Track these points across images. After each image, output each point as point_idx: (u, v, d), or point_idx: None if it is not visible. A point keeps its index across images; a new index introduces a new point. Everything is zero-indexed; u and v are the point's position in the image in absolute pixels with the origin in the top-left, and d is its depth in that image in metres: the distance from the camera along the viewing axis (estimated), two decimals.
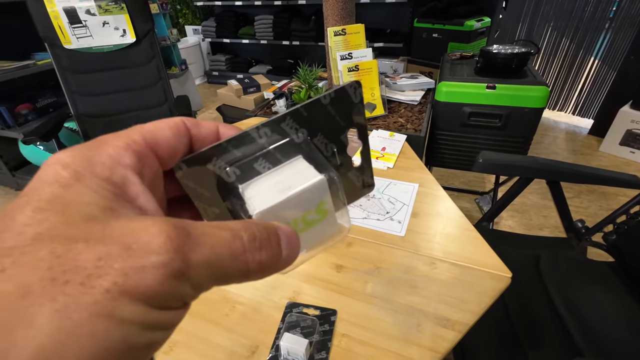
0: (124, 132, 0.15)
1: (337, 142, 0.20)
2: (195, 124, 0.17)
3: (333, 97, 0.19)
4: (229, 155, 0.17)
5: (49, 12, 1.39)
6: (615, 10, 2.33)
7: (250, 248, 0.13)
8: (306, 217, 0.18)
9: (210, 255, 0.12)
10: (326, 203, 0.19)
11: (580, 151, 2.32)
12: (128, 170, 0.14)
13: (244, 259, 0.13)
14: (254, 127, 0.17)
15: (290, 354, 0.47)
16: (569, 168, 0.86)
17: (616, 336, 0.71)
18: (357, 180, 0.22)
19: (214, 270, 0.12)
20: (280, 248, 0.15)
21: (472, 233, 0.69)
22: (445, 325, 0.52)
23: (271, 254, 0.14)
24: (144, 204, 0.14)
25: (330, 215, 0.19)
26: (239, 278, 0.13)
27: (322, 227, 0.19)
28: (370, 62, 1.20)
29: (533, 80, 1.19)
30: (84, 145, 0.14)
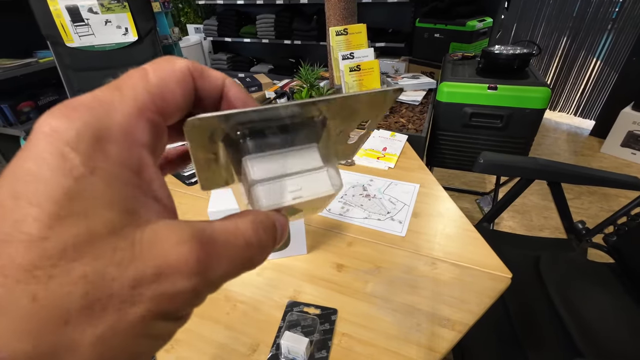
0: (125, 84, 0.13)
1: (348, 126, 0.20)
2: (201, 74, 0.15)
3: (373, 96, 0.18)
4: (246, 120, 0.16)
5: (52, 10, 1.40)
6: (617, 11, 2.33)
7: (258, 253, 0.14)
8: (297, 212, 0.19)
9: (229, 269, 0.13)
10: (323, 207, 0.19)
11: (581, 152, 2.31)
12: (144, 150, 0.12)
13: (249, 264, 0.14)
14: (284, 105, 0.16)
15: (290, 353, 0.47)
16: (570, 169, 0.87)
17: (616, 337, 0.71)
18: (342, 152, 0.22)
19: (228, 278, 0.13)
20: (275, 242, 0.15)
21: (473, 233, 0.69)
22: (445, 325, 0.53)
23: (268, 252, 0.15)
24: (159, 191, 0.13)
25: (318, 211, 0.20)
26: (237, 276, 0.14)
27: (305, 215, 0.20)
28: (371, 62, 1.20)
29: (535, 81, 1.19)
30: (84, 106, 0.11)
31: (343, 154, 0.23)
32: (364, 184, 0.87)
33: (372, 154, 0.98)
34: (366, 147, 1.02)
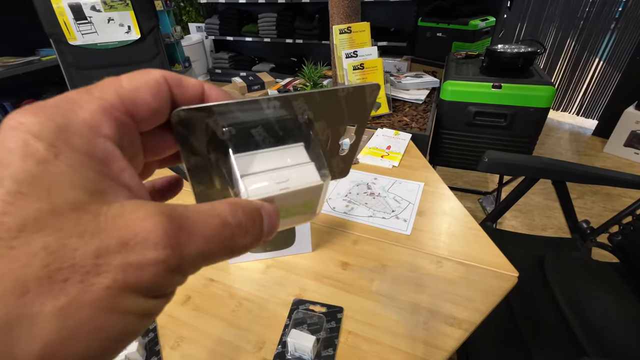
0: (96, 88, 0.13)
1: (335, 130, 0.21)
2: (179, 83, 0.15)
3: (351, 92, 0.19)
4: (231, 115, 0.16)
5: (55, 8, 1.40)
6: (621, 10, 2.32)
7: (237, 234, 0.14)
8: (290, 209, 0.18)
9: (204, 246, 0.12)
10: (315, 202, 0.19)
11: (584, 152, 2.31)
12: (108, 142, 0.12)
13: (231, 245, 0.13)
14: (265, 98, 0.17)
15: (297, 351, 0.47)
16: (575, 168, 0.86)
17: (620, 336, 0.71)
18: (337, 166, 0.22)
19: (206, 258, 0.13)
20: (262, 230, 0.15)
21: (478, 232, 0.69)
22: (451, 324, 0.52)
23: (254, 236, 0.14)
24: (129, 181, 0.13)
25: (312, 210, 0.20)
26: (222, 259, 0.14)
27: (301, 217, 0.20)
28: (375, 60, 1.20)
29: (539, 80, 1.18)
30: (50, 105, 0.12)
31: (338, 168, 0.23)
32: (368, 182, 0.86)
33: (376, 152, 0.98)
34: (370, 145, 1.02)
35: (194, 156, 0.17)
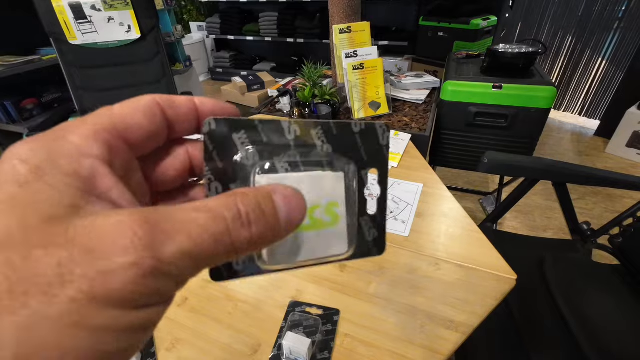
0: (90, 116, 0.14)
1: (357, 176, 0.19)
2: (170, 104, 0.16)
3: (363, 129, 0.19)
4: (255, 134, 0.16)
5: (55, 7, 1.40)
6: (624, 10, 2.30)
7: (236, 227, 0.12)
8: (313, 213, 0.17)
9: (189, 245, 0.11)
10: (338, 205, 0.18)
11: (586, 152, 2.30)
12: (96, 161, 0.12)
13: (229, 241, 0.12)
14: (287, 121, 0.17)
15: (292, 353, 0.47)
16: (576, 169, 0.86)
17: (621, 339, 0.70)
18: (368, 232, 0.20)
19: (196, 259, 0.11)
20: (277, 214, 0.13)
21: (477, 234, 0.69)
22: (449, 327, 0.52)
23: (264, 224, 0.13)
24: (117, 198, 0.12)
25: (340, 223, 0.18)
26: (228, 258, 0.13)
27: (328, 237, 0.18)
28: (375, 60, 1.19)
29: (540, 80, 1.17)
30: (47, 134, 0.12)
31: (369, 233, 0.20)
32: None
33: None
34: None
35: (214, 178, 0.16)
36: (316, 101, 1.15)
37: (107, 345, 0.10)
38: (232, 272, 0.16)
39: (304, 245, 0.17)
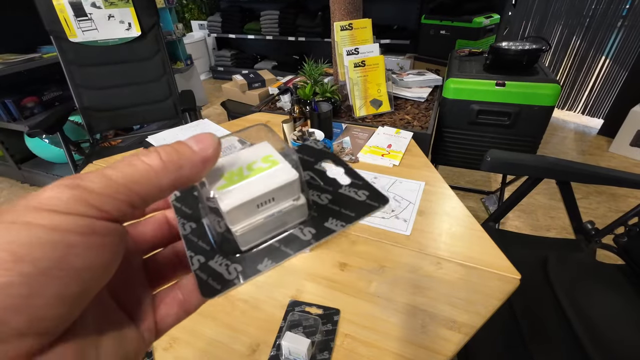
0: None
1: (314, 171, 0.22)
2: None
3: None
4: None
5: (55, 5, 1.39)
6: (628, 8, 2.28)
7: (152, 159, 0.15)
8: (252, 165, 0.18)
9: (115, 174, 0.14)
10: (272, 156, 0.19)
11: (589, 151, 2.28)
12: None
13: (151, 169, 0.14)
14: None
15: (291, 354, 0.46)
16: (580, 168, 0.84)
17: (625, 340, 0.69)
18: (357, 194, 0.20)
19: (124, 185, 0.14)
20: (187, 144, 0.16)
21: (480, 233, 0.68)
22: (451, 327, 0.51)
23: (177, 154, 0.15)
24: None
25: (280, 163, 0.18)
26: (159, 189, 0.14)
27: (273, 174, 0.18)
28: (377, 57, 1.18)
29: (544, 78, 1.16)
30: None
31: (347, 190, 0.21)
32: (369, 181, 0.85)
33: (377, 151, 0.96)
34: (371, 144, 1.01)
35: (186, 221, 0.20)
36: (317, 99, 1.14)
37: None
38: (225, 282, 0.16)
39: (254, 190, 0.17)
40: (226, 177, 0.17)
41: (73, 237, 0.12)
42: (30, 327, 0.11)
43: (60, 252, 0.11)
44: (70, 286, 0.12)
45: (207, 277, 0.17)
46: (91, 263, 0.12)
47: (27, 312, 0.11)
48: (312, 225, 0.19)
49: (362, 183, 0.21)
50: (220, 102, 2.06)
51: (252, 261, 0.17)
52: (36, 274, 0.11)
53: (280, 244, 0.18)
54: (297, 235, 0.18)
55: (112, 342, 0.15)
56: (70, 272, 0.12)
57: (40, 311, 0.11)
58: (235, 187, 0.17)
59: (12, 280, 0.10)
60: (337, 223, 0.19)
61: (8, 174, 2.13)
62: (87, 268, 0.12)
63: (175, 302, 0.18)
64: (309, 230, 0.18)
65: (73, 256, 0.12)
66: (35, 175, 2.02)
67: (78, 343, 0.13)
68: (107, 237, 0.13)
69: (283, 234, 0.18)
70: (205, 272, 0.17)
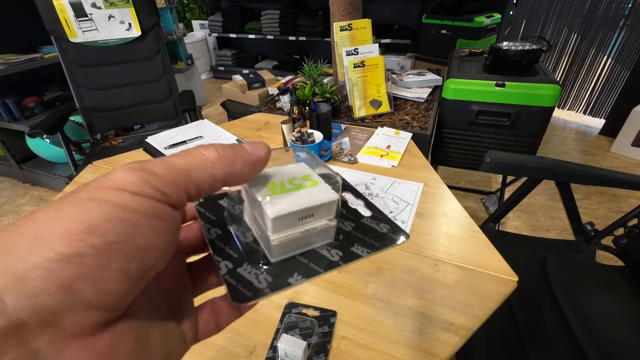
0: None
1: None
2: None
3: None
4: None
5: (55, 5, 1.39)
6: (630, 7, 2.26)
7: (210, 151, 0.16)
8: (293, 180, 0.19)
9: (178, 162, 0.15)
10: (312, 176, 0.19)
11: (590, 152, 2.27)
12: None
13: (207, 159, 0.15)
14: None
15: (287, 356, 0.46)
16: (580, 169, 0.84)
17: (624, 342, 0.69)
18: (379, 226, 0.21)
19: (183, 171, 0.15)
20: (242, 145, 0.17)
21: (478, 235, 0.67)
22: (448, 330, 0.51)
23: (233, 150, 0.16)
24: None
25: (320, 184, 0.19)
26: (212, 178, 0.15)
27: (313, 192, 0.19)
28: (376, 57, 1.18)
29: (544, 79, 1.15)
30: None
31: (370, 222, 0.22)
32: (367, 182, 0.85)
33: (376, 151, 0.96)
34: (370, 144, 1.00)
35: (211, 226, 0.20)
36: (316, 99, 1.14)
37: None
38: (256, 291, 0.17)
39: (300, 202, 0.18)
40: (269, 187, 0.18)
41: (139, 217, 0.13)
42: (98, 299, 0.11)
43: (127, 229, 0.12)
44: (132, 263, 0.12)
45: (236, 283, 0.17)
46: (152, 244, 0.13)
47: (95, 283, 0.11)
48: (338, 249, 0.19)
49: (382, 217, 0.22)
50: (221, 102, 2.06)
51: (282, 274, 0.18)
52: (105, 247, 0.11)
53: (309, 260, 0.19)
54: (324, 255, 0.19)
55: (160, 334, 0.15)
56: (133, 250, 0.12)
57: (106, 284, 0.11)
58: (281, 197, 0.18)
59: (85, 250, 0.11)
60: (363, 249, 0.19)
61: (9, 173, 2.14)
62: (148, 249, 0.13)
63: (212, 313, 0.19)
64: (337, 253, 0.19)
65: (138, 235, 0.12)
66: (37, 175, 2.02)
67: (135, 326, 0.14)
68: (167, 221, 0.14)
69: (309, 252, 0.19)
70: (234, 278, 0.17)
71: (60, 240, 0.11)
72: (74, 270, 0.11)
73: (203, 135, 1.07)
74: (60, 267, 0.11)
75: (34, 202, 1.95)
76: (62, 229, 0.11)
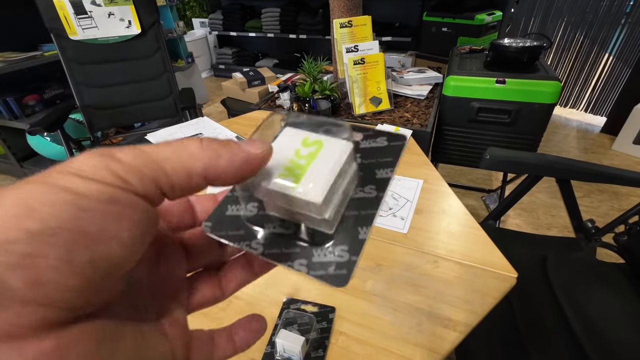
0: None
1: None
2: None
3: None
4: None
5: (55, 2, 1.39)
6: (632, 4, 2.25)
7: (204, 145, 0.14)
8: (298, 157, 0.18)
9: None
10: (307, 137, 0.19)
11: (592, 150, 2.26)
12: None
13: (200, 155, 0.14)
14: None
15: (286, 351, 0.46)
16: (580, 166, 0.84)
17: (624, 339, 0.68)
18: (378, 142, 0.21)
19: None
20: (237, 143, 0.15)
21: (477, 231, 0.67)
22: (446, 326, 0.51)
23: (226, 147, 0.15)
24: None
25: (326, 141, 0.18)
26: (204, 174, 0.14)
27: (332, 156, 0.17)
28: (376, 55, 1.18)
29: (545, 75, 1.15)
30: None
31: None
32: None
33: None
34: None
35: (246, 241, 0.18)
36: (316, 96, 1.13)
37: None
38: (347, 265, 0.17)
39: (327, 172, 0.17)
40: (286, 175, 0.17)
41: (88, 202, 0.11)
42: (33, 292, 0.10)
43: (70, 214, 0.11)
44: (79, 252, 0.11)
45: (324, 272, 0.17)
46: (108, 233, 0.12)
47: (26, 272, 0.10)
48: (368, 183, 0.18)
49: (373, 132, 0.21)
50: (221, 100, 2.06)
51: (347, 237, 0.17)
52: (41, 233, 0.10)
53: (357, 210, 0.18)
54: (363, 197, 0.18)
55: (135, 343, 0.14)
56: (80, 237, 0.11)
57: (42, 274, 0.10)
58: (308, 177, 0.16)
59: (17, 235, 0.10)
60: (384, 170, 0.19)
61: (10, 171, 2.15)
62: (102, 237, 0.11)
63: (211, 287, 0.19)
64: (370, 188, 0.18)
65: (85, 221, 0.11)
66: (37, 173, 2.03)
67: (101, 330, 0.12)
68: (128, 209, 0.12)
69: (350, 203, 0.18)
70: (319, 269, 0.17)
71: None
72: (0, 258, 0.09)
73: (202, 133, 1.07)
74: None
75: None
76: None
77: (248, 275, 0.20)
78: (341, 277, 0.16)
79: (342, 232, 0.17)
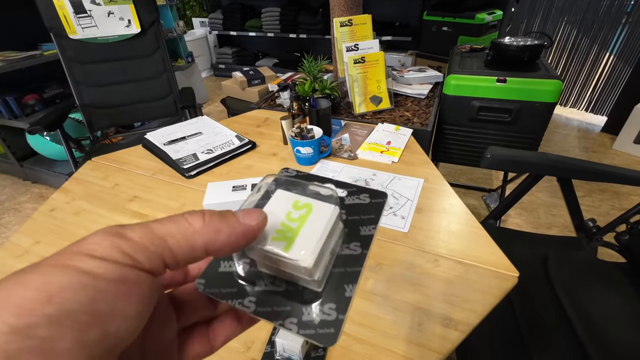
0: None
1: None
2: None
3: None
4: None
5: (55, 1, 1.39)
6: (633, 4, 2.25)
7: (200, 221, 0.16)
8: (289, 221, 0.19)
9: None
10: (298, 200, 0.20)
11: (592, 149, 2.26)
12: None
13: (193, 230, 0.15)
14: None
15: (286, 351, 0.46)
16: (581, 165, 0.83)
17: (625, 339, 0.68)
18: (361, 199, 0.22)
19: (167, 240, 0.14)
20: (234, 215, 0.16)
21: (478, 230, 0.67)
22: (447, 325, 0.50)
23: (225, 221, 0.16)
24: None
25: (316, 204, 0.19)
26: (203, 250, 0.15)
27: (320, 219, 0.19)
28: (377, 54, 1.17)
29: (545, 74, 1.15)
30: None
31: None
32: (367, 178, 0.84)
33: (376, 147, 0.96)
34: (370, 140, 1.00)
35: (241, 299, 0.19)
36: (316, 95, 1.13)
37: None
38: (334, 324, 0.17)
39: (316, 235, 0.18)
40: (279, 238, 0.18)
41: (103, 283, 0.12)
42: None
43: (88, 296, 0.12)
44: (90, 332, 0.11)
45: (314, 332, 0.17)
46: (116, 310, 0.12)
47: (44, 356, 0.10)
48: (353, 240, 0.20)
49: (356, 189, 0.22)
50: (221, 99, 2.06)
51: (334, 294, 0.18)
52: (60, 317, 0.11)
53: (344, 267, 0.19)
54: (349, 254, 0.19)
55: None
56: (92, 318, 0.12)
57: (57, 356, 0.11)
58: (299, 241, 0.17)
59: (36, 321, 0.10)
60: (368, 227, 0.20)
61: (10, 171, 2.14)
62: (110, 315, 0.12)
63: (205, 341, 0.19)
64: (355, 245, 0.19)
65: (99, 302, 0.12)
66: (37, 173, 2.02)
67: None
68: (135, 286, 0.13)
69: (336, 260, 0.19)
70: (308, 328, 0.17)
71: (13, 311, 0.10)
72: (21, 343, 0.10)
73: (202, 132, 1.06)
74: (7, 339, 0.10)
75: (34, 200, 1.96)
76: (20, 299, 0.11)
77: (236, 329, 0.20)
78: (330, 336, 0.17)
79: (329, 290, 0.18)
